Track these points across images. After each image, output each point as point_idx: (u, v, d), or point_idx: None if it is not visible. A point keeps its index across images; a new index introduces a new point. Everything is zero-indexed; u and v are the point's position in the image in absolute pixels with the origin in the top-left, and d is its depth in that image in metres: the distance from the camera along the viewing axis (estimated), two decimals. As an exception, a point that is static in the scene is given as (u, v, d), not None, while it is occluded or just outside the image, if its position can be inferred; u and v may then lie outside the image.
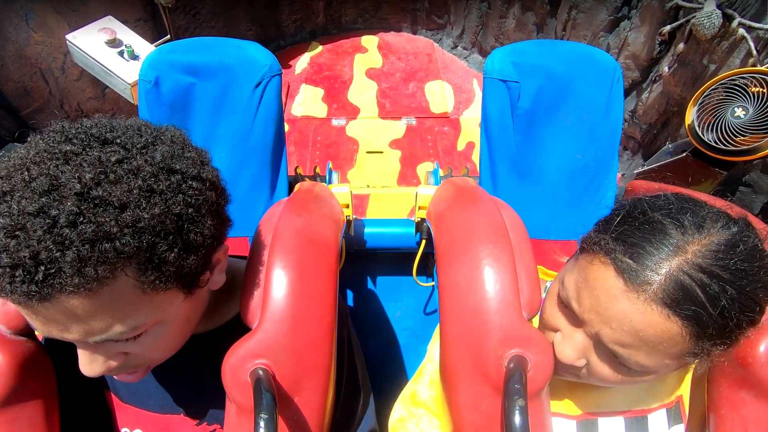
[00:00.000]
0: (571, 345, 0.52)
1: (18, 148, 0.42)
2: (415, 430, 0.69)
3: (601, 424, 0.61)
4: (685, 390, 0.62)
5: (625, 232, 0.47)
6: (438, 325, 0.63)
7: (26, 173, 0.38)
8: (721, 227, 0.45)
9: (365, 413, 0.72)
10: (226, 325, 0.62)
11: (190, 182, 0.45)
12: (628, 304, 0.45)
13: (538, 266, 0.75)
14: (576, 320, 0.51)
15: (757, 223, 0.54)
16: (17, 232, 0.36)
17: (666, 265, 0.44)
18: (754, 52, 1.53)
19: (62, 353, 0.62)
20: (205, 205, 0.47)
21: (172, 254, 0.43)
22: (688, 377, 0.61)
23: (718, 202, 0.51)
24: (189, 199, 0.44)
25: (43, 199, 0.37)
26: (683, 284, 0.43)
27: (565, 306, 0.53)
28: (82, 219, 0.37)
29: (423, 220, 0.97)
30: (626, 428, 0.61)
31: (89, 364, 0.47)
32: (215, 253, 0.51)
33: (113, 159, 0.41)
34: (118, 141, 0.43)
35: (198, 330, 0.61)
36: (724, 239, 0.44)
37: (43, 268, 0.36)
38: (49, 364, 0.59)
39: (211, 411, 0.63)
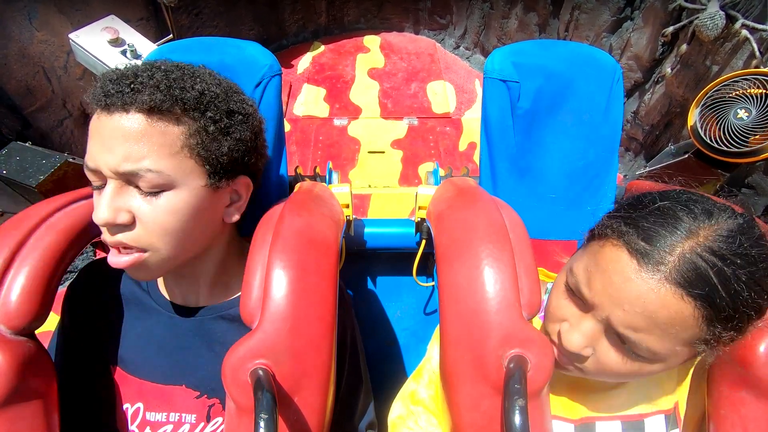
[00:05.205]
0: (579, 332, 0.51)
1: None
2: (414, 427, 0.69)
3: (599, 427, 0.61)
4: (682, 396, 0.62)
5: (637, 217, 0.48)
6: (438, 325, 0.63)
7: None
8: (728, 216, 0.46)
9: (367, 406, 0.73)
10: (230, 301, 0.68)
11: (248, 106, 0.63)
12: (642, 284, 0.45)
13: (539, 268, 0.74)
14: (585, 306, 0.51)
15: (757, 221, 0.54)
16: (138, 72, 0.56)
17: (679, 247, 0.44)
18: (757, 53, 1.53)
19: (71, 342, 0.67)
20: (251, 121, 0.62)
21: (214, 127, 0.56)
22: (686, 384, 0.61)
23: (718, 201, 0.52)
24: (244, 106, 0.61)
25: (166, 72, 0.57)
26: (696, 265, 0.43)
27: (573, 294, 0.53)
28: (175, 76, 0.57)
29: (423, 220, 0.97)
30: None
31: (105, 207, 0.53)
32: (240, 177, 0.62)
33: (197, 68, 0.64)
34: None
35: (204, 300, 0.67)
36: (735, 226, 0.45)
37: (141, 86, 0.53)
38: (49, 364, 0.59)
39: (211, 385, 0.65)
